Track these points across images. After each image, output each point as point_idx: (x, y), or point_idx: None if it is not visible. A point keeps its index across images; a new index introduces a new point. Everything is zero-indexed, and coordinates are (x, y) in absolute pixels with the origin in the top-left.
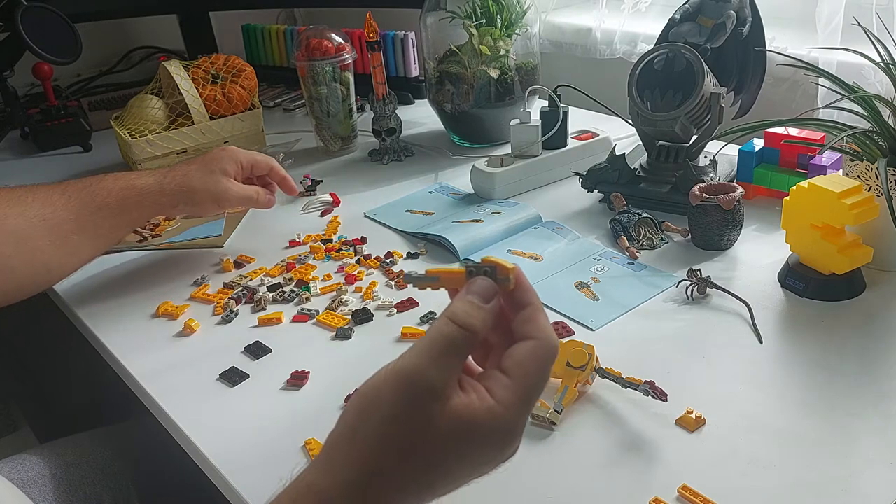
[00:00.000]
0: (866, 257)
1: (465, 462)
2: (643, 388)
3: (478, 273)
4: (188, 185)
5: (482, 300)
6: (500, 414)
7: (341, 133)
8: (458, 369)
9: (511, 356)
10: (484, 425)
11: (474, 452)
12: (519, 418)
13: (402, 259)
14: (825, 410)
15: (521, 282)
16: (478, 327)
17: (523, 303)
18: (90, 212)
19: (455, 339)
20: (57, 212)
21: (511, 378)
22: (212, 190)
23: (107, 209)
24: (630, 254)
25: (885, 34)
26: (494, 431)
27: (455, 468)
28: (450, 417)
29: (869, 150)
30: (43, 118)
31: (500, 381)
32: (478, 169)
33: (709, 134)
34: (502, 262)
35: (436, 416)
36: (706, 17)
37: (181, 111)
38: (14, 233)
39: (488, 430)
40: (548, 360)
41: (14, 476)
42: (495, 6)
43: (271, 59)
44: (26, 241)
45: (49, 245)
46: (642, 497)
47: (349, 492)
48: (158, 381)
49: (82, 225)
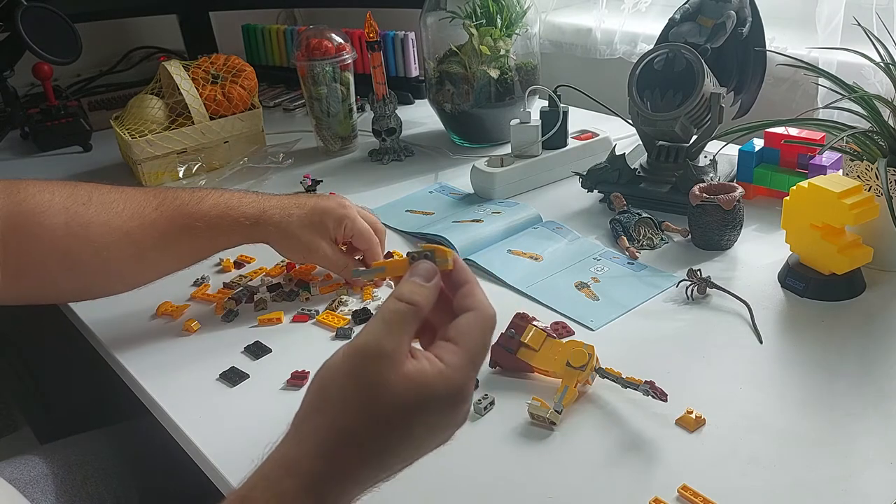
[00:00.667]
0: (866, 257)
1: (422, 425)
2: (643, 388)
3: (419, 258)
4: (284, 227)
5: (424, 280)
6: (449, 375)
7: (341, 133)
8: (407, 339)
9: (455, 326)
10: (436, 386)
11: (430, 414)
12: (467, 379)
13: None
14: (825, 410)
15: (458, 263)
16: (422, 302)
17: (462, 281)
18: (177, 232)
19: (402, 312)
20: (144, 228)
21: (457, 344)
22: (304, 243)
23: (196, 233)
24: (630, 254)
25: (885, 34)
26: (446, 392)
27: (414, 432)
28: (404, 380)
29: (869, 150)
30: (43, 118)
31: (447, 347)
32: (478, 169)
33: (709, 134)
34: (440, 247)
35: (391, 381)
36: (706, 17)
37: (181, 111)
38: (94, 241)
39: (441, 390)
40: (487, 326)
41: (16, 477)
42: (495, 6)
43: (271, 59)
44: (105, 251)
45: (128, 257)
46: (642, 497)
47: (317, 459)
48: (158, 381)
49: (167, 244)
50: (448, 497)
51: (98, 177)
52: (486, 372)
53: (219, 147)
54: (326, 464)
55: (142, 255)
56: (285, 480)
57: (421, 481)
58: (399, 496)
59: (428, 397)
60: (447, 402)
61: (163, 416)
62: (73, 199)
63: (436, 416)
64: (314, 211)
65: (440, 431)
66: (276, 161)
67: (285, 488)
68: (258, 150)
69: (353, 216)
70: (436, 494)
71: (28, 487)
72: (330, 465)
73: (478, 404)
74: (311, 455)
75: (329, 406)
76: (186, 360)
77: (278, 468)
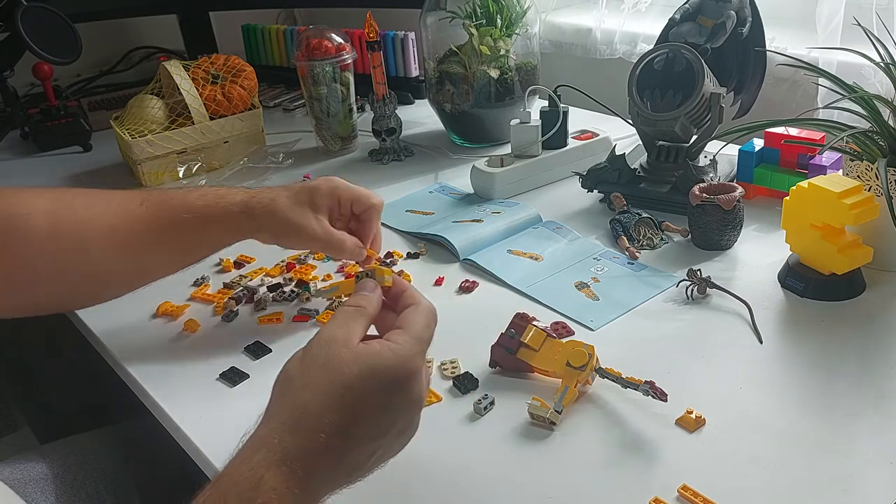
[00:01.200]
0: (866, 257)
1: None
2: (643, 388)
3: (363, 277)
4: (273, 208)
5: (368, 291)
6: (396, 350)
7: (341, 133)
8: (357, 329)
9: (400, 319)
10: (385, 357)
11: (383, 385)
12: (414, 355)
13: (402, 259)
14: (825, 410)
15: (396, 279)
16: (366, 305)
17: (402, 289)
18: (164, 225)
19: (350, 311)
20: (130, 222)
21: (403, 328)
22: (294, 222)
23: (185, 226)
24: (630, 254)
25: (885, 34)
26: (395, 363)
27: (369, 401)
28: (356, 356)
29: (869, 150)
30: (43, 118)
31: (395, 332)
32: (478, 169)
33: (709, 134)
34: (380, 268)
35: (343, 357)
36: (706, 17)
37: (181, 111)
38: (80, 241)
39: (390, 361)
40: (429, 314)
41: (15, 477)
42: (495, 6)
43: (271, 59)
44: (92, 250)
45: (115, 259)
46: (642, 497)
47: (284, 433)
48: (158, 381)
49: (154, 238)
50: (448, 497)
51: (98, 177)
52: (487, 372)
53: (219, 147)
54: (292, 436)
55: (129, 252)
56: (256, 454)
57: (421, 481)
58: (399, 496)
59: (378, 368)
60: (397, 376)
61: (163, 416)
62: (56, 202)
63: (389, 390)
64: (303, 189)
65: (398, 408)
66: (276, 161)
67: (257, 461)
68: (258, 150)
69: (344, 183)
70: (436, 494)
71: (27, 487)
72: (296, 437)
73: (478, 404)
74: (278, 430)
75: (292, 388)
76: (186, 360)
77: (251, 445)
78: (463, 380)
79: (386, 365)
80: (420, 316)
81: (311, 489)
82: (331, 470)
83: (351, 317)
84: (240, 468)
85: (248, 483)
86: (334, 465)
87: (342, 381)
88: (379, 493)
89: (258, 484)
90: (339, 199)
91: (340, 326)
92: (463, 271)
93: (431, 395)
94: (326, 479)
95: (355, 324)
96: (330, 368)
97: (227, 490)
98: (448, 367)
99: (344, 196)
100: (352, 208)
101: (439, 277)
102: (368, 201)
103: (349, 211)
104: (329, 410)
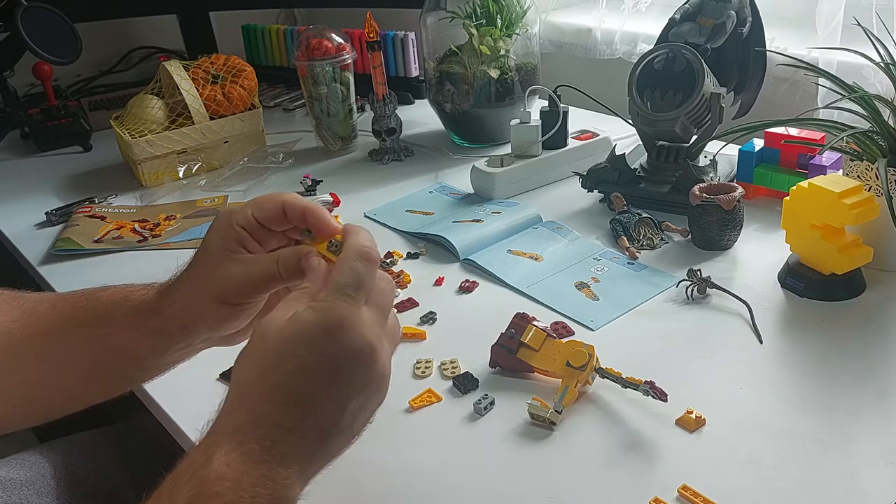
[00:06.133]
0: (866, 257)
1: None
2: (643, 388)
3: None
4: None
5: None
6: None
7: (341, 133)
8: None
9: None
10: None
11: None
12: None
13: (402, 259)
14: (825, 410)
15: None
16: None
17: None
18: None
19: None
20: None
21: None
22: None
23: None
24: (630, 254)
25: (885, 34)
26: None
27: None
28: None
29: (869, 150)
30: (43, 118)
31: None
32: (478, 169)
33: (709, 134)
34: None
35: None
36: (706, 17)
37: (181, 111)
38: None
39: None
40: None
41: (13, 475)
42: (495, 6)
43: (271, 59)
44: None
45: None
46: (642, 497)
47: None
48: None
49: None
50: (448, 497)
51: (98, 177)
52: (487, 372)
53: (219, 147)
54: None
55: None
56: (208, 438)
57: (421, 481)
58: (399, 496)
59: (300, 327)
60: (324, 327)
61: (163, 416)
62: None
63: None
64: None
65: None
66: (276, 161)
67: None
68: (258, 150)
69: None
70: (436, 494)
71: (26, 487)
72: (242, 410)
73: (478, 404)
74: (223, 412)
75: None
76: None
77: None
78: (463, 380)
79: (308, 322)
80: (342, 263)
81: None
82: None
83: (289, 301)
84: (193, 454)
85: (200, 462)
86: (295, 428)
87: (275, 348)
88: (379, 493)
89: (209, 461)
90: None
91: (277, 310)
92: (463, 271)
93: (431, 395)
94: (293, 444)
95: (294, 303)
96: (266, 340)
97: (181, 472)
98: (448, 367)
99: (241, 219)
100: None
101: (439, 277)
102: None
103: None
104: (266, 377)
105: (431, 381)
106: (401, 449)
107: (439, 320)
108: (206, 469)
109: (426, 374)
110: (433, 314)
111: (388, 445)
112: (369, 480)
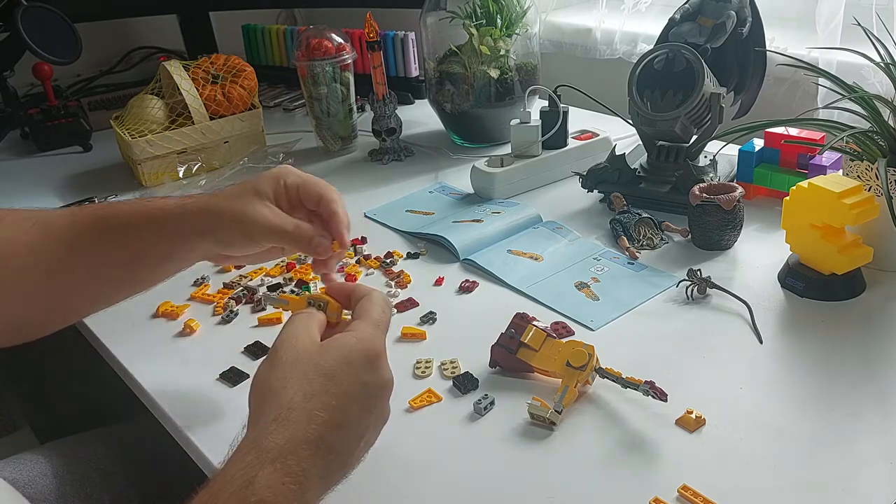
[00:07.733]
0: (866, 257)
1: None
2: (643, 388)
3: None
4: (210, 205)
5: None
6: (361, 336)
7: (341, 133)
8: (315, 328)
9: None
10: (355, 345)
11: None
12: (374, 338)
13: (402, 259)
14: (825, 410)
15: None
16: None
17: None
18: (86, 239)
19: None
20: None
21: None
22: (236, 212)
23: (106, 235)
24: (630, 254)
25: (885, 34)
26: (366, 349)
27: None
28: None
29: (869, 150)
30: (43, 118)
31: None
32: (478, 169)
33: (709, 134)
34: (334, 303)
35: (313, 352)
36: (706, 17)
37: (181, 111)
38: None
39: (360, 348)
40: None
41: (14, 476)
42: (495, 6)
43: (271, 59)
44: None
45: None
46: (642, 497)
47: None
48: (158, 381)
49: (74, 257)
50: (448, 497)
51: (98, 177)
52: (487, 372)
53: (219, 147)
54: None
55: (47, 273)
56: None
57: (421, 481)
58: (399, 495)
59: (348, 353)
60: (367, 357)
61: (163, 416)
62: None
63: (363, 371)
64: (245, 183)
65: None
66: (276, 161)
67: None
68: (258, 150)
69: (293, 170)
70: (436, 494)
71: (27, 487)
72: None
73: (478, 404)
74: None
75: (271, 390)
76: (186, 360)
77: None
78: (463, 380)
79: (354, 349)
80: (374, 305)
81: (307, 484)
82: (323, 462)
83: (305, 319)
84: (231, 471)
85: (241, 482)
86: (326, 455)
87: (319, 371)
88: (379, 493)
89: (251, 483)
90: (285, 185)
91: (300, 327)
92: (463, 271)
93: (431, 395)
94: (321, 473)
95: (311, 323)
96: (303, 362)
97: (220, 490)
98: (448, 367)
99: (290, 181)
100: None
101: (439, 277)
102: (316, 189)
103: (298, 201)
104: (314, 400)
105: (431, 381)
106: (401, 449)
107: (439, 320)
108: (248, 491)
109: (426, 374)
110: (433, 314)
111: (388, 445)
112: (369, 480)
